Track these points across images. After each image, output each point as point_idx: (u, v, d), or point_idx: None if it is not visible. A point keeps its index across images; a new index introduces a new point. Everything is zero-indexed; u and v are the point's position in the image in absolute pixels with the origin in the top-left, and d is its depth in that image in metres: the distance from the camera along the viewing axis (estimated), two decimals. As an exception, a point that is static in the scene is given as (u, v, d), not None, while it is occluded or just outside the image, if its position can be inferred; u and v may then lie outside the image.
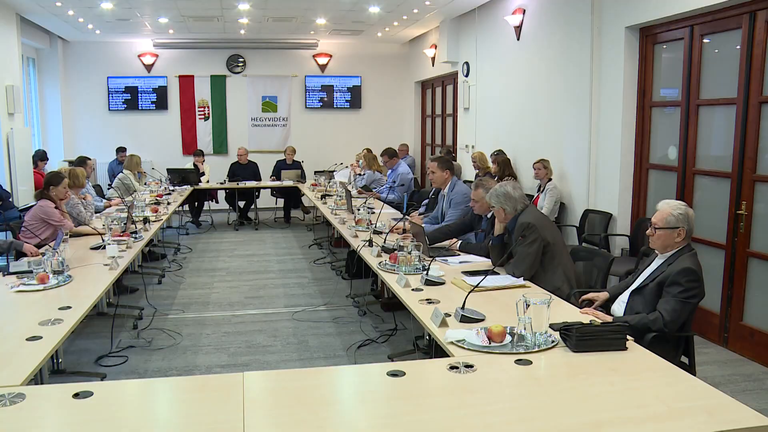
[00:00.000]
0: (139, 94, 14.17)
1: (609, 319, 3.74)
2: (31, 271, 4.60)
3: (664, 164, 6.59)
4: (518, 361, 2.98)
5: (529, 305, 3.27)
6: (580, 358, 3.02)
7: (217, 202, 12.84)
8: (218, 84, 14.42)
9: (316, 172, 12.39)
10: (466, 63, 11.18)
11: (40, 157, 10.97)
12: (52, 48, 12.92)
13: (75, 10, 10.38)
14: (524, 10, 9.00)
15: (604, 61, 7.13)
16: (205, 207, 12.58)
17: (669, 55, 6.51)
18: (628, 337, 3.16)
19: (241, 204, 12.52)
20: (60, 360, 5.09)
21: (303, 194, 11.94)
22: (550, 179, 7.96)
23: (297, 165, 12.66)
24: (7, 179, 9.44)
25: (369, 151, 11.74)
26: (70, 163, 10.56)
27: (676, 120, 6.31)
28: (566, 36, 7.87)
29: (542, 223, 4.56)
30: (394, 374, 2.85)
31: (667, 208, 3.81)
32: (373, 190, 10.14)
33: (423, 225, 6.22)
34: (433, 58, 12.83)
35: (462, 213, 6.12)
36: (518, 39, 9.20)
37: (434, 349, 4.23)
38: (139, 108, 14.18)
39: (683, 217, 3.76)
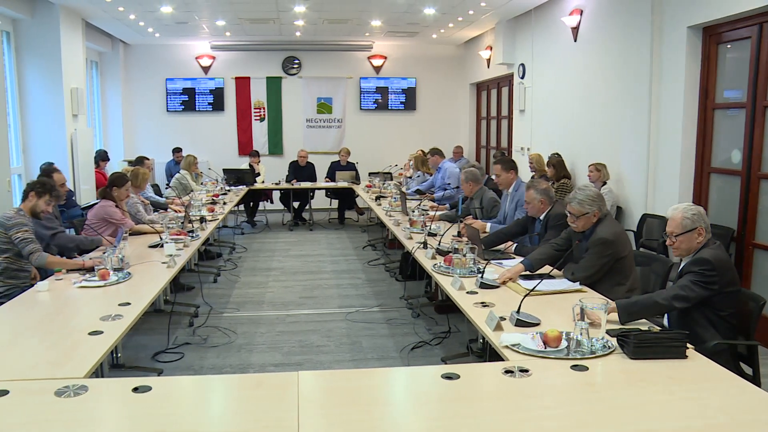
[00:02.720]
0: (197, 96, 14.43)
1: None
2: (93, 268, 4.74)
3: (727, 168, 6.42)
4: (574, 367, 2.94)
5: (585, 310, 3.23)
6: (638, 365, 2.97)
7: (272, 202, 12.99)
8: (274, 85, 14.59)
9: (370, 174, 12.43)
10: (522, 65, 11.07)
11: (102, 157, 11.25)
12: (114, 51, 13.28)
13: (136, 14, 10.65)
14: (581, 11, 8.88)
15: (665, 62, 6.98)
16: (260, 207, 12.74)
17: (734, 55, 6.34)
18: (689, 345, 3.09)
19: (296, 204, 12.63)
20: (119, 355, 5.22)
21: (357, 195, 12.00)
22: (605, 183, 7.83)
23: (351, 166, 12.71)
24: (70, 178, 9.71)
25: (422, 152, 11.72)
26: (130, 162, 10.84)
27: (741, 122, 6.14)
28: (625, 37, 7.73)
29: (619, 239, 4.39)
30: (448, 377, 2.85)
31: (678, 213, 3.74)
32: (421, 189, 10.13)
33: (483, 228, 6.21)
34: (489, 60, 12.74)
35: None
36: (575, 40, 9.08)
37: (488, 353, 4.20)
38: (196, 109, 14.45)
39: (698, 216, 3.70)
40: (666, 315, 3.85)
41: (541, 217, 5.33)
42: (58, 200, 5.54)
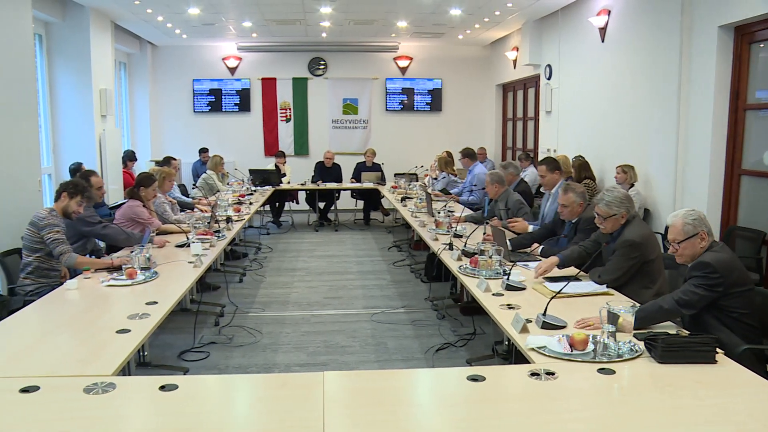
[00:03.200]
0: (223, 96, 14.53)
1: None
2: (120, 267, 4.80)
3: (759, 170, 6.32)
4: (601, 370, 2.92)
5: (612, 313, 3.20)
6: (666, 369, 2.93)
7: (297, 202, 13.03)
8: (300, 86, 14.65)
9: (396, 175, 12.42)
10: (549, 65, 11.01)
11: (130, 157, 11.38)
12: (142, 52, 13.44)
13: (164, 16, 10.76)
14: (609, 11, 8.80)
15: (694, 63, 6.90)
16: (286, 207, 12.79)
17: (767, 54, 6.24)
18: (718, 350, 3.04)
19: (321, 205, 12.66)
20: (146, 353, 5.26)
21: (383, 196, 12.00)
22: (632, 185, 7.75)
23: (377, 167, 12.71)
24: (99, 178, 9.82)
25: (448, 153, 11.70)
26: (157, 163, 10.94)
27: (774, 123, 6.05)
28: (653, 37, 7.66)
29: (647, 241, 4.36)
30: (474, 379, 2.84)
31: (679, 220, 3.69)
32: (451, 193, 10.10)
33: (525, 228, 6.19)
34: (515, 61, 12.69)
35: None
36: (603, 41, 9.01)
37: (514, 355, 4.18)
38: (223, 110, 14.55)
39: (698, 221, 3.66)
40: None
41: (573, 220, 5.29)
42: (90, 201, 5.61)
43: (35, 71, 7.25)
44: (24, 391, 2.69)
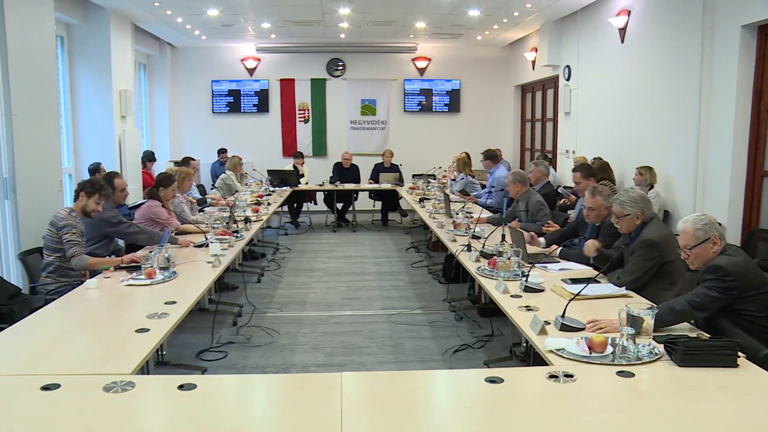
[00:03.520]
0: (242, 97, 14.60)
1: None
2: (139, 267, 4.83)
3: (782, 171, 6.27)
4: (620, 373, 2.90)
5: (632, 316, 3.18)
6: (686, 373, 2.90)
7: (315, 203, 13.05)
8: (318, 87, 14.68)
9: (414, 176, 12.42)
10: (568, 66, 10.96)
11: (149, 157, 11.46)
12: (161, 54, 13.54)
13: (183, 18, 10.83)
14: (629, 12, 8.75)
15: (715, 63, 6.83)
16: (304, 208, 12.82)
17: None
18: (740, 354, 3.01)
19: (340, 206, 12.68)
20: (164, 352, 5.29)
21: (401, 197, 11.99)
22: (651, 186, 7.69)
23: (395, 168, 12.71)
24: (118, 178, 9.90)
25: (466, 155, 11.67)
26: (176, 163, 11.01)
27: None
28: (674, 37, 7.60)
29: (666, 241, 4.32)
30: (492, 380, 2.83)
31: (689, 226, 3.66)
32: (470, 194, 10.08)
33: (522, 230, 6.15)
34: (534, 62, 12.64)
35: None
36: (622, 41, 8.96)
37: (532, 357, 4.16)
38: (242, 111, 14.61)
39: (709, 225, 3.62)
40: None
41: (597, 224, 5.26)
42: (108, 199, 5.65)
43: (57, 73, 7.33)
44: (45, 388, 2.72)
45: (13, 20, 5.89)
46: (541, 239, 5.95)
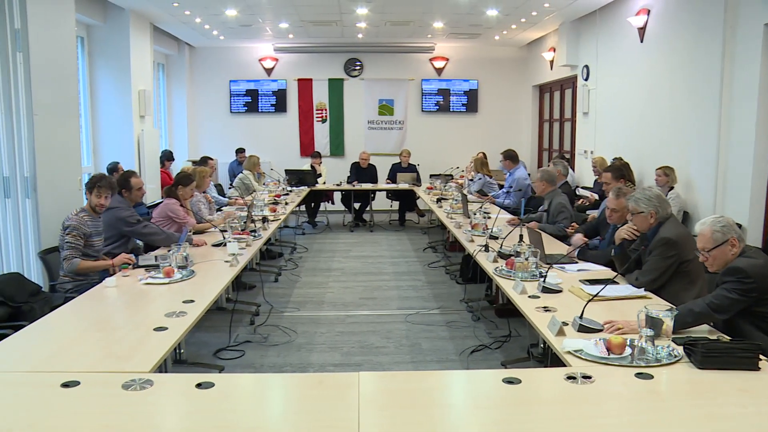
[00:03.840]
0: (260, 97, 14.64)
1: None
2: (157, 265, 4.86)
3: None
4: (638, 375, 2.87)
5: (651, 317, 3.15)
6: (706, 375, 2.87)
7: (333, 203, 13.08)
8: (336, 87, 14.70)
9: (431, 176, 12.40)
10: (586, 66, 10.91)
11: (167, 157, 11.53)
12: (180, 54, 13.63)
13: (202, 18, 10.90)
14: (649, 11, 8.68)
15: (737, 62, 6.77)
16: (322, 208, 12.83)
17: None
18: (761, 357, 2.97)
19: (357, 206, 12.69)
20: (182, 351, 5.32)
21: (418, 197, 11.99)
22: (672, 188, 7.63)
23: (412, 168, 12.70)
24: (137, 178, 9.97)
25: (483, 155, 11.64)
26: (194, 163, 11.07)
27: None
28: (694, 36, 7.53)
29: (684, 240, 4.29)
30: (509, 381, 2.81)
31: (707, 228, 3.62)
32: (487, 194, 10.05)
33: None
34: (552, 62, 12.59)
35: None
36: (641, 41, 8.89)
37: (549, 358, 4.15)
38: (259, 110, 14.66)
39: (727, 227, 3.57)
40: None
41: (619, 225, 5.22)
42: (113, 191, 5.55)
43: (77, 73, 7.39)
44: (65, 385, 2.74)
45: (35, 22, 5.95)
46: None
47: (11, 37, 5.83)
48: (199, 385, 2.77)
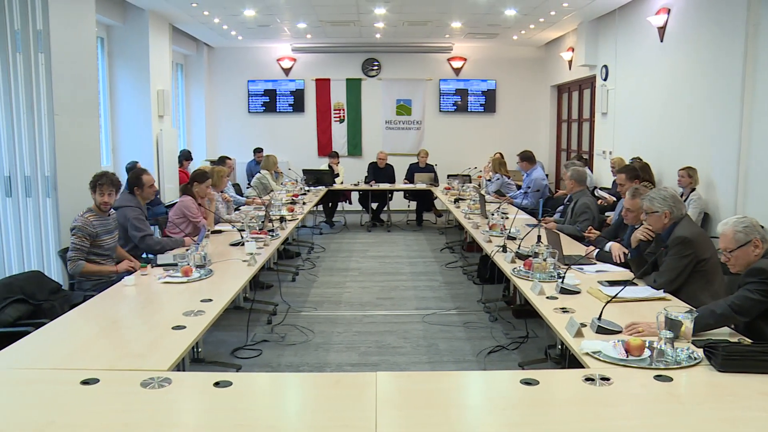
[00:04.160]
0: (277, 97, 14.69)
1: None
2: (176, 264, 4.88)
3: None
4: (657, 377, 2.85)
5: (670, 319, 3.13)
6: (727, 378, 2.84)
7: (350, 203, 13.09)
8: (354, 87, 14.72)
9: (449, 176, 12.38)
10: (605, 66, 10.84)
11: (186, 156, 11.59)
12: (198, 54, 13.70)
13: (220, 18, 10.95)
14: (669, 10, 8.61)
15: (760, 61, 6.69)
16: (339, 207, 12.85)
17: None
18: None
19: (374, 206, 12.69)
20: (200, 349, 5.35)
21: (435, 197, 11.97)
22: (693, 189, 7.57)
23: (430, 168, 12.69)
24: (156, 177, 10.03)
25: (501, 155, 11.61)
26: (212, 162, 11.13)
27: None
28: (716, 35, 7.46)
29: (699, 239, 4.26)
30: (527, 383, 2.80)
31: (729, 228, 3.57)
32: (505, 195, 10.02)
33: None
34: (570, 62, 12.52)
35: None
36: (661, 41, 8.82)
37: (567, 360, 4.12)
38: (277, 110, 14.70)
39: (750, 228, 3.52)
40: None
41: (636, 226, 5.19)
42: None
43: (97, 73, 7.45)
44: (85, 383, 2.77)
45: (56, 23, 6.01)
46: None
47: (33, 38, 5.89)
48: (216, 384, 2.79)
